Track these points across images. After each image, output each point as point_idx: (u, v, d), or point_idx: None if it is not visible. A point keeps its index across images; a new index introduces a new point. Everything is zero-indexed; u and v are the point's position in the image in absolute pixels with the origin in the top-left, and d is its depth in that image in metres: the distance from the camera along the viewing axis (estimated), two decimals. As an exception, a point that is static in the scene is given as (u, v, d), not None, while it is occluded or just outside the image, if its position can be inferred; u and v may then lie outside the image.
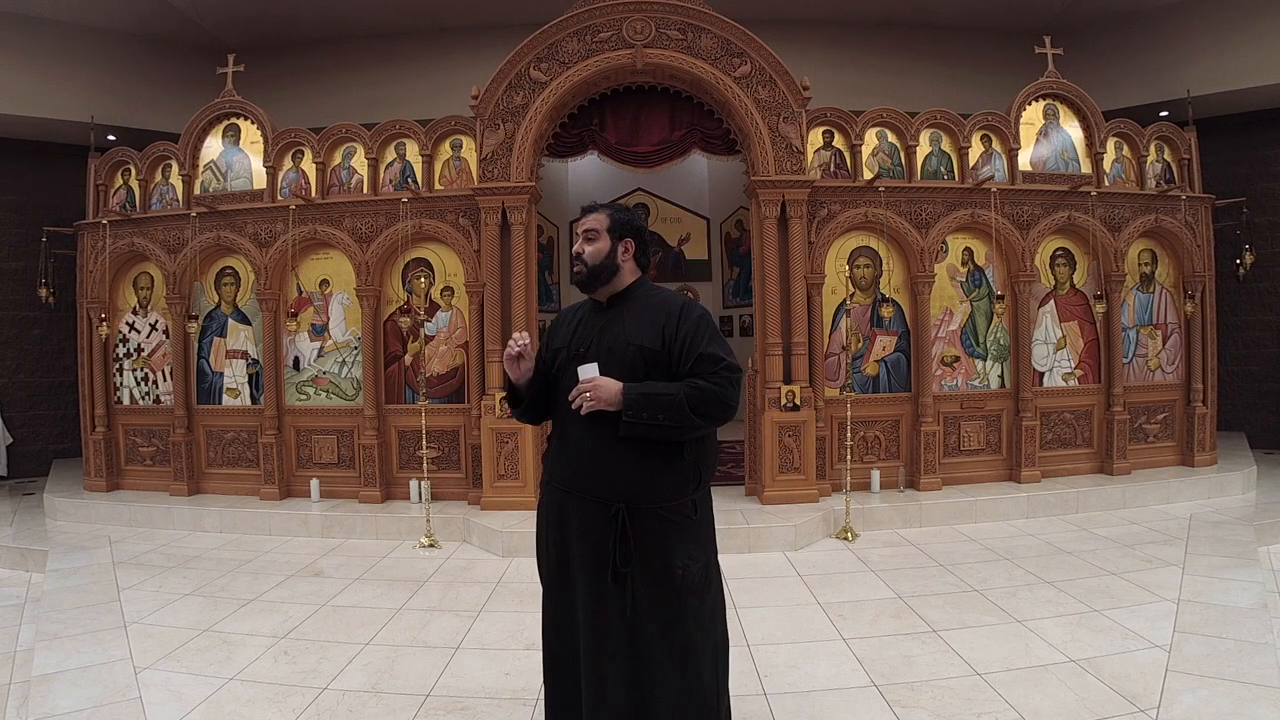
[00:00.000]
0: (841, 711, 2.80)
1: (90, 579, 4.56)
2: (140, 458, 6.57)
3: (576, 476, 2.09)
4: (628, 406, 1.98)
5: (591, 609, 2.05)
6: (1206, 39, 7.59)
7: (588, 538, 2.06)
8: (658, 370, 2.08)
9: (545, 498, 2.22)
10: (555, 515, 2.16)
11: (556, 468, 2.17)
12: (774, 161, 5.69)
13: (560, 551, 2.14)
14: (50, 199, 8.10)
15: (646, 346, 2.09)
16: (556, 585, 2.18)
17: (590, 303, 2.29)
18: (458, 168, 6.07)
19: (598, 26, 5.63)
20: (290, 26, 8.36)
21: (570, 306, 2.38)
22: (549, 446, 2.25)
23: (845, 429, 5.60)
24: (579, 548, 2.09)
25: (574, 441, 2.11)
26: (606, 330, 2.17)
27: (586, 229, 2.19)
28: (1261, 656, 3.07)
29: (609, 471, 2.04)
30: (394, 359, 6.14)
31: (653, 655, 2.01)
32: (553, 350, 2.26)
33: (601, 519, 2.03)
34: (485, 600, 4.14)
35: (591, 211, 2.24)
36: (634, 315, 2.17)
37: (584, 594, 2.07)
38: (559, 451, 2.18)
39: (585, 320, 2.25)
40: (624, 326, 2.14)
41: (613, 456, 2.03)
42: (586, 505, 2.07)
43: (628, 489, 2.02)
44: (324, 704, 2.93)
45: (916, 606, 3.85)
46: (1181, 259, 6.50)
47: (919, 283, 6.00)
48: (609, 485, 2.04)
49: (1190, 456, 6.42)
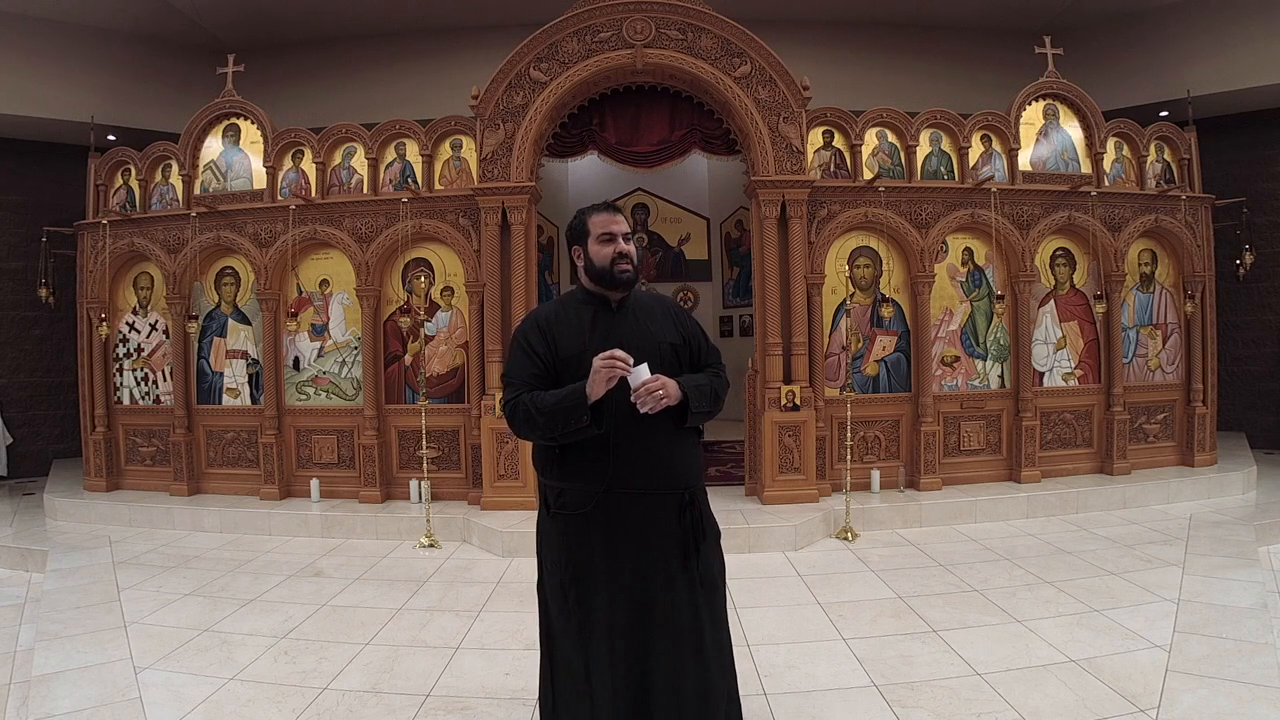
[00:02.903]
0: (841, 711, 2.80)
1: (90, 579, 4.56)
2: (140, 458, 6.57)
3: (639, 474, 2.08)
4: (690, 400, 2.10)
5: (668, 599, 2.08)
6: (1206, 39, 7.59)
7: (660, 530, 2.09)
8: (683, 364, 2.22)
9: (585, 511, 2.09)
10: (604, 523, 2.08)
11: (606, 473, 2.07)
12: (774, 161, 5.69)
13: (612, 560, 2.08)
14: (50, 199, 8.10)
15: (674, 343, 2.22)
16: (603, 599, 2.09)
17: (590, 303, 2.23)
18: (458, 168, 6.07)
19: (598, 26, 5.63)
20: (290, 26, 8.36)
21: (549, 308, 2.26)
22: (570, 458, 2.11)
23: (845, 429, 5.60)
24: (654, 544, 2.08)
25: (631, 441, 2.07)
26: (626, 329, 2.17)
27: (625, 231, 2.21)
28: (1261, 656, 3.07)
29: (674, 463, 2.13)
30: (394, 359, 6.14)
31: (705, 623, 2.14)
32: (567, 355, 2.14)
33: (673, 509, 2.11)
34: (485, 600, 4.14)
35: (619, 212, 2.25)
36: (644, 314, 2.24)
37: (659, 588, 2.08)
38: (607, 456, 2.07)
39: (596, 321, 2.19)
40: (643, 324, 2.20)
41: (675, 448, 2.14)
42: (655, 500, 2.09)
43: (689, 476, 2.16)
44: (324, 704, 2.93)
45: (916, 606, 3.85)
46: (1181, 259, 6.50)
47: (919, 283, 6.00)
48: (676, 475, 2.13)
49: (1190, 456, 6.41)
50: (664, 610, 2.09)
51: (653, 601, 2.08)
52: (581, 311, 2.22)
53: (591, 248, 2.18)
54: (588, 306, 2.22)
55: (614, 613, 2.08)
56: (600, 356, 1.98)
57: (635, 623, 2.08)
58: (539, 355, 2.15)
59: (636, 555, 2.09)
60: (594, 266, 2.18)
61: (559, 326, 2.19)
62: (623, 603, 2.09)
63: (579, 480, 2.10)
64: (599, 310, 2.21)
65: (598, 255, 2.17)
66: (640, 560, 2.09)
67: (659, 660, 2.07)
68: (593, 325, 2.18)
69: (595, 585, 2.10)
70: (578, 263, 2.25)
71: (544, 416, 2.04)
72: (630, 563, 2.09)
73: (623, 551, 2.09)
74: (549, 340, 2.16)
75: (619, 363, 1.96)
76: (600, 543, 2.10)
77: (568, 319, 2.20)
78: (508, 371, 2.21)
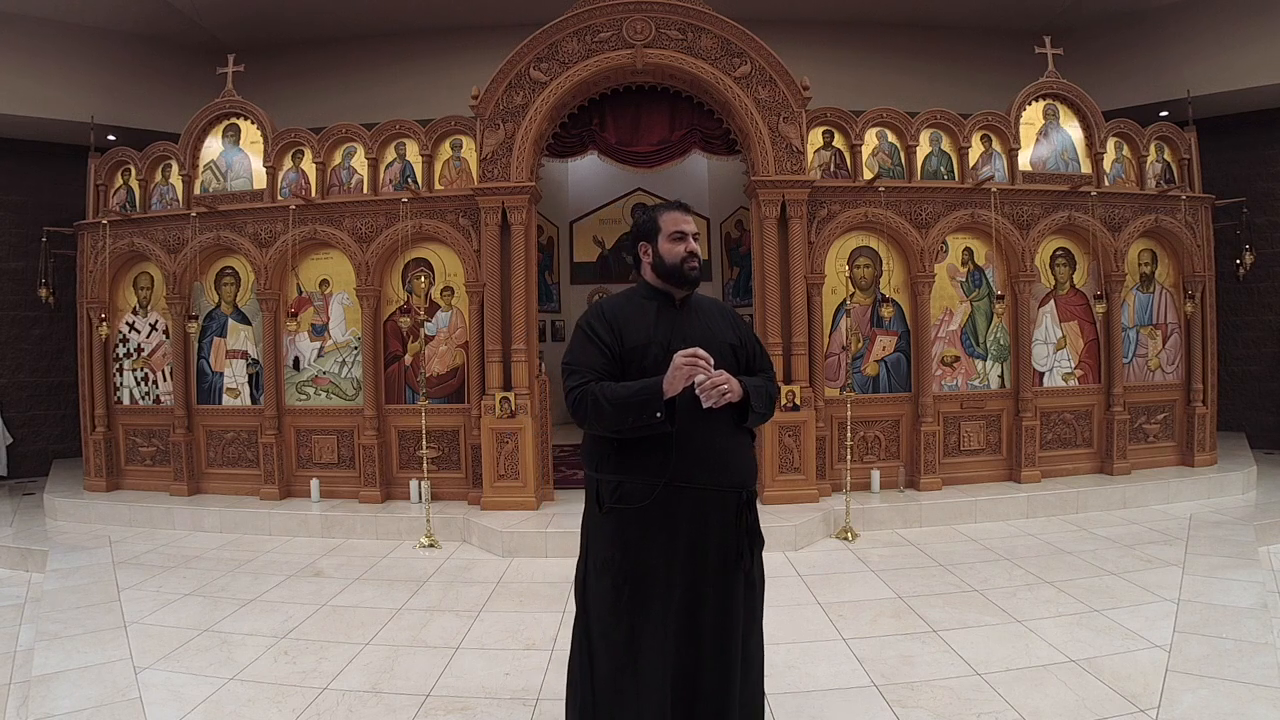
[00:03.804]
0: (841, 711, 2.80)
1: (90, 579, 4.56)
2: (140, 458, 6.57)
3: (700, 470, 2.08)
4: (752, 399, 2.12)
5: (720, 598, 2.10)
6: (1206, 39, 7.59)
7: (718, 528, 2.10)
8: (740, 366, 2.23)
9: (643, 506, 2.07)
10: (662, 519, 2.07)
11: (668, 467, 2.05)
12: (774, 161, 5.69)
13: (669, 556, 2.07)
14: (50, 199, 8.10)
15: (733, 343, 2.25)
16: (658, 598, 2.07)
17: (654, 298, 2.25)
18: (458, 168, 6.07)
19: (598, 26, 5.63)
20: (290, 26, 8.36)
21: (614, 300, 2.29)
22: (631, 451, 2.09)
23: (845, 429, 5.60)
24: (711, 541, 2.09)
25: (692, 435, 2.06)
26: (688, 326, 2.20)
27: (695, 231, 2.24)
28: (1261, 656, 3.07)
29: (733, 461, 2.14)
30: (394, 359, 6.14)
31: (753, 626, 2.21)
32: (633, 345, 2.15)
33: (732, 507, 2.13)
34: (485, 600, 4.14)
35: (690, 212, 2.28)
36: (703, 313, 2.29)
37: (710, 586, 2.09)
38: (670, 449, 2.05)
39: (660, 315, 2.21)
40: (704, 323, 2.24)
41: (735, 446, 2.16)
42: (714, 497, 2.10)
43: (746, 476, 2.18)
44: (324, 704, 2.93)
45: (916, 606, 3.85)
46: (1181, 259, 6.50)
47: (919, 283, 6.00)
48: (735, 473, 2.14)
49: (1190, 456, 6.41)
50: (714, 610, 2.09)
51: (704, 600, 2.08)
52: (646, 306, 2.25)
53: (662, 245, 2.22)
54: (652, 301, 2.25)
55: (667, 612, 2.08)
56: (682, 354, 1.98)
57: (687, 622, 2.07)
58: (605, 344, 2.16)
59: (693, 552, 2.08)
60: (663, 263, 2.22)
61: (625, 318, 2.21)
62: (677, 601, 2.08)
63: (639, 474, 2.08)
64: (662, 305, 2.24)
65: (668, 253, 2.21)
66: (697, 557, 2.08)
67: (710, 661, 2.08)
68: (658, 319, 2.21)
69: (650, 583, 2.09)
70: (644, 258, 2.27)
71: (615, 408, 2.03)
72: (687, 559, 2.08)
73: (680, 547, 2.08)
74: (615, 330, 2.18)
75: (701, 361, 1.97)
76: (658, 538, 2.09)
77: (633, 311, 2.23)
78: (571, 359, 2.19)
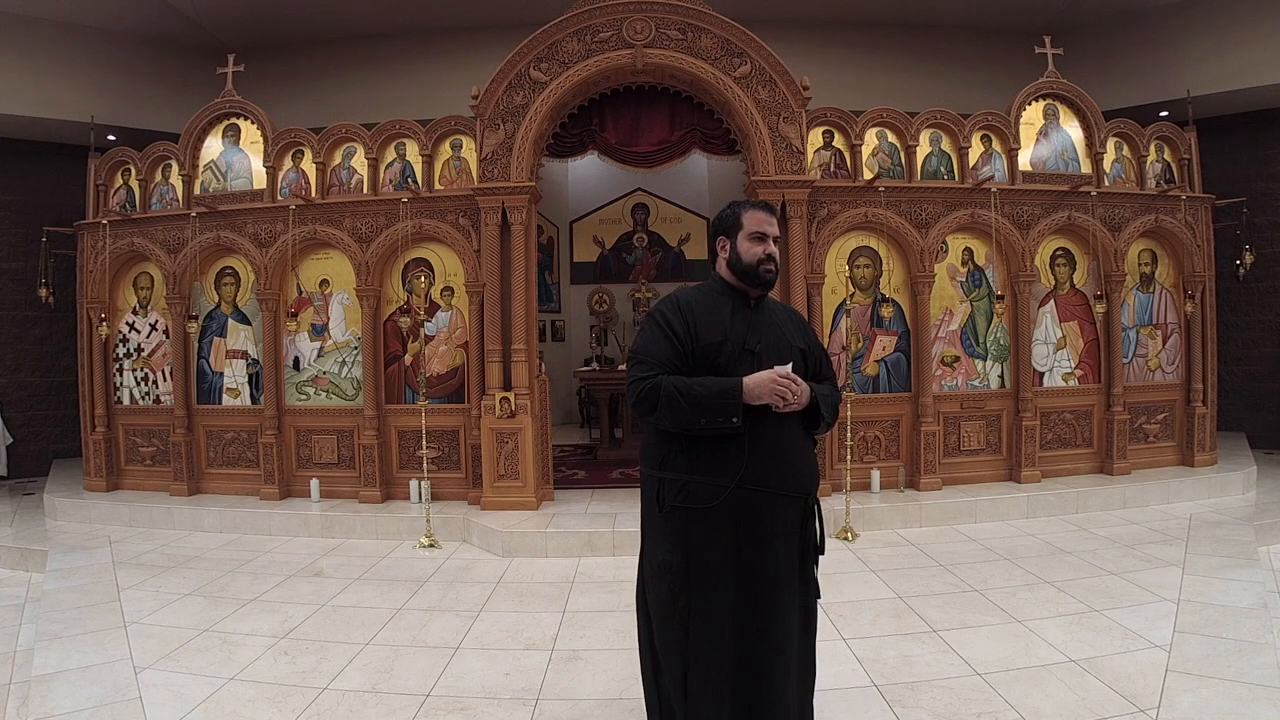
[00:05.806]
0: (841, 711, 2.80)
1: (90, 579, 4.56)
2: (140, 458, 6.57)
3: (770, 473, 2.05)
4: (822, 408, 2.15)
5: (790, 597, 2.09)
6: (1206, 39, 7.59)
7: (784, 532, 2.09)
8: (808, 372, 2.22)
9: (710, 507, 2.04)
10: (729, 521, 2.04)
11: (740, 468, 2.03)
12: (774, 161, 5.69)
13: (733, 559, 2.05)
14: (50, 199, 8.11)
15: (802, 349, 2.24)
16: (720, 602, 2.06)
17: (729, 295, 2.22)
18: (458, 168, 6.07)
19: (598, 26, 5.63)
20: (290, 26, 8.36)
21: (689, 294, 2.24)
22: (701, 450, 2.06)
23: (845, 429, 5.60)
24: (777, 545, 2.06)
25: (763, 438, 2.05)
26: (760, 328, 2.18)
27: (776, 234, 2.23)
28: (1261, 656, 3.07)
29: (801, 466, 2.14)
30: (394, 359, 6.14)
31: (810, 632, 2.22)
32: (708, 341, 2.11)
33: (797, 512, 2.12)
34: (485, 600, 4.14)
35: (774, 213, 2.26)
36: (775, 316, 2.27)
37: (770, 590, 2.06)
38: (742, 450, 2.03)
39: (735, 313, 2.18)
40: (776, 326, 2.23)
41: (803, 452, 2.16)
42: (782, 501, 2.09)
43: (811, 482, 2.17)
44: (324, 704, 2.93)
45: (916, 606, 3.85)
46: (1181, 259, 6.50)
47: (919, 283, 6.00)
48: (802, 478, 2.14)
49: (1190, 456, 6.41)
50: (773, 614, 2.06)
51: (763, 605, 2.06)
52: (720, 302, 2.21)
53: (741, 243, 2.20)
54: (726, 298, 2.22)
55: (725, 617, 2.05)
56: (778, 374, 2.02)
57: (746, 626, 2.05)
58: (679, 338, 2.12)
59: (757, 555, 2.05)
60: (740, 261, 2.19)
61: (700, 313, 2.17)
62: (736, 606, 2.05)
63: (709, 474, 2.05)
64: (737, 304, 2.21)
65: (747, 252, 2.19)
66: (761, 560, 2.05)
67: (768, 665, 2.05)
68: (733, 318, 2.17)
69: (709, 589, 2.05)
70: (720, 253, 2.25)
71: (692, 406, 2.00)
72: (750, 563, 2.05)
73: (744, 550, 2.05)
74: (690, 325, 2.13)
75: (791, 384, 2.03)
76: (720, 542, 2.05)
77: (709, 307, 2.19)
78: (642, 349, 2.14)
